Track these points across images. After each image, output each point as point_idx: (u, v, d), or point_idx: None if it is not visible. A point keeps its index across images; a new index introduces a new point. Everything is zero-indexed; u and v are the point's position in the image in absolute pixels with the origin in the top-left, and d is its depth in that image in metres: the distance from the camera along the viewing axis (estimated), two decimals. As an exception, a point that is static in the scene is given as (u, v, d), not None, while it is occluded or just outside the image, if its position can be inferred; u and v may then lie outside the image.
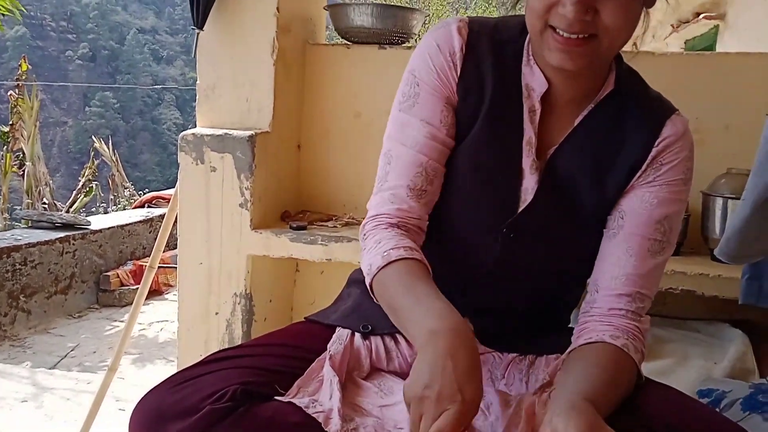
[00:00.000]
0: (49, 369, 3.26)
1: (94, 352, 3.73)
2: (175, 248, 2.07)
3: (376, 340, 1.05)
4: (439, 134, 1.01)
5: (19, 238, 4.21)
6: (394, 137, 1.04)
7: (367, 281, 0.98)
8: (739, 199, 1.66)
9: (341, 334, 1.05)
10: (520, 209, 1.01)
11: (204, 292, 1.95)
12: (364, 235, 1.03)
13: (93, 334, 4.07)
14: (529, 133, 1.00)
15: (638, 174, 0.98)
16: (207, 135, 1.91)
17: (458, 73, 1.00)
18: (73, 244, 4.47)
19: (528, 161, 1.00)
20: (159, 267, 4.69)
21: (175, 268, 2.10)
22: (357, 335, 1.05)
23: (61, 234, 4.40)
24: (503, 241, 1.01)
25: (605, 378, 0.86)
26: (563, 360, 0.97)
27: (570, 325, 1.10)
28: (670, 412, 0.86)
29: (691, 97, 1.04)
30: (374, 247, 0.98)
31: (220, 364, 0.96)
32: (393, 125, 1.05)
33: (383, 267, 0.95)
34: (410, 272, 0.93)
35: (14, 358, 3.53)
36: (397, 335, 1.05)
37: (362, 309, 1.06)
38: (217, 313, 1.95)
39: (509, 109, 1.01)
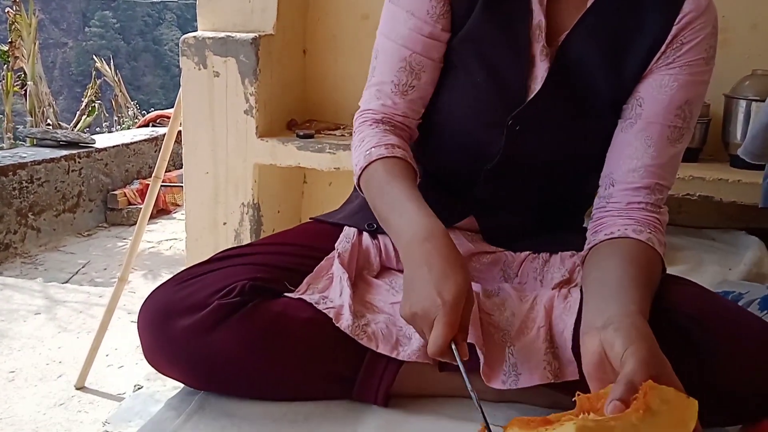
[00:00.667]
0: (62, 284, 3.29)
1: (105, 268, 3.76)
2: (182, 167, 2.03)
3: (384, 239, 1.03)
4: (425, 26, 0.95)
5: (24, 155, 4.17)
6: (381, 30, 1.00)
7: (355, 182, 0.98)
8: (764, 101, 1.59)
9: (348, 233, 1.03)
10: (528, 100, 0.95)
11: (211, 201, 1.93)
12: (354, 131, 1.02)
13: (103, 251, 4.10)
14: (539, 17, 0.93)
15: (657, 55, 0.91)
16: (209, 38, 1.84)
17: None
18: (79, 162, 4.44)
19: (537, 47, 0.93)
20: (166, 186, 4.69)
21: (182, 186, 2.07)
22: (365, 235, 1.03)
23: (66, 152, 4.35)
24: (509, 134, 0.96)
25: (643, 277, 0.83)
26: (586, 255, 0.93)
27: (585, 225, 1.06)
28: (693, 305, 0.83)
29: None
30: (359, 146, 0.97)
31: (227, 261, 0.94)
32: (382, 17, 1.00)
33: (365, 167, 0.94)
34: (387, 171, 0.92)
35: (26, 275, 3.56)
36: None
37: (368, 208, 1.03)
38: (225, 223, 1.93)
39: None
